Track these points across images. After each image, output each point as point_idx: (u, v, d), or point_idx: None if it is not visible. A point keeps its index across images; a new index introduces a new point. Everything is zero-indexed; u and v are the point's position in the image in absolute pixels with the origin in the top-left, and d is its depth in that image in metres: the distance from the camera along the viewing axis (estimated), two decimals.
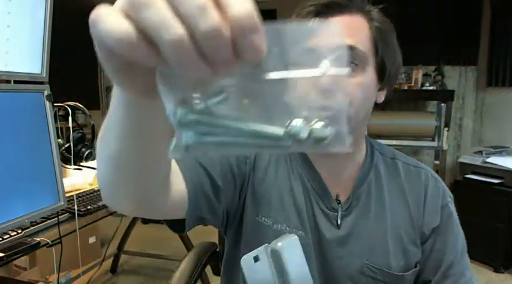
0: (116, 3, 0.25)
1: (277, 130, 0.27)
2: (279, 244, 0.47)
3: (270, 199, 0.75)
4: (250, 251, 0.46)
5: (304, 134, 0.27)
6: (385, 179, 0.78)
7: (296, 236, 0.48)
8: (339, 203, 0.75)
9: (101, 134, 0.44)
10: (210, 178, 0.67)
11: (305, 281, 0.50)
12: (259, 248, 0.47)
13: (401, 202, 0.77)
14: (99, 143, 0.45)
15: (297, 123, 0.27)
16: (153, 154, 0.43)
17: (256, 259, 0.47)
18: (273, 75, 0.27)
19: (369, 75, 0.67)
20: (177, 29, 0.23)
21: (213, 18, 0.23)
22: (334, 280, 0.74)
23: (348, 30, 0.66)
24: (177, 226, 0.66)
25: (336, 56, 0.26)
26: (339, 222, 0.74)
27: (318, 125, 0.27)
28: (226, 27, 0.23)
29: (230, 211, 0.75)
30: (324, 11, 0.67)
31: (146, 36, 0.24)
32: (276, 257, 0.47)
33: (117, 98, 0.36)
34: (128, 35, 0.24)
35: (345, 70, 0.27)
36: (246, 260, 0.46)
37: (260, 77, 0.27)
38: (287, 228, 0.72)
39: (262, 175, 0.77)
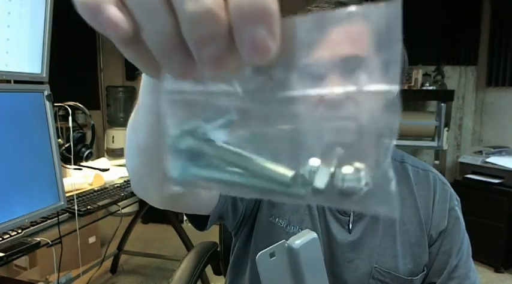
0: None
1: (285, 173, 0.19)
2: (297, 241, 0.46)
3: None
4: (260, 251, 0.45)
5: (320, 184, 0.18)
6: None
7: (316, 235, 0.47)
8: None
9: (130, 123, 0.43)
10: None
11: (320, 282, 0.49)
12: (277, 244, 0.46)
13: (411, 206, 0.77)
14: (128, 132, 0.44)
15: (313, 164, 0.19)
16: None
17: (272, 255, 0.45)
18: (292, 92, 0.19)
19: None
20: (164, 20, 0.18)
21: None
22: (343, 283, 0.75)
23: (347, 37, 0.61)
24: (198, 222, 0.66)
25: (381, 63, 0.18)
26: (350, 227, 0.75)
27: (346, 170, 0.19)
28: (222, 12, 0.18)
29: (247, 211, 0.75)
30: None
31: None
32: (293, 256, 0.46)
33: (144, 83, 0.35)
34: None
35: (396, 86, 0.19)
36: (262, 255, 0.45)
37: (276, 94, 0.19)
38: (300, 230, 0.73)
39: None
